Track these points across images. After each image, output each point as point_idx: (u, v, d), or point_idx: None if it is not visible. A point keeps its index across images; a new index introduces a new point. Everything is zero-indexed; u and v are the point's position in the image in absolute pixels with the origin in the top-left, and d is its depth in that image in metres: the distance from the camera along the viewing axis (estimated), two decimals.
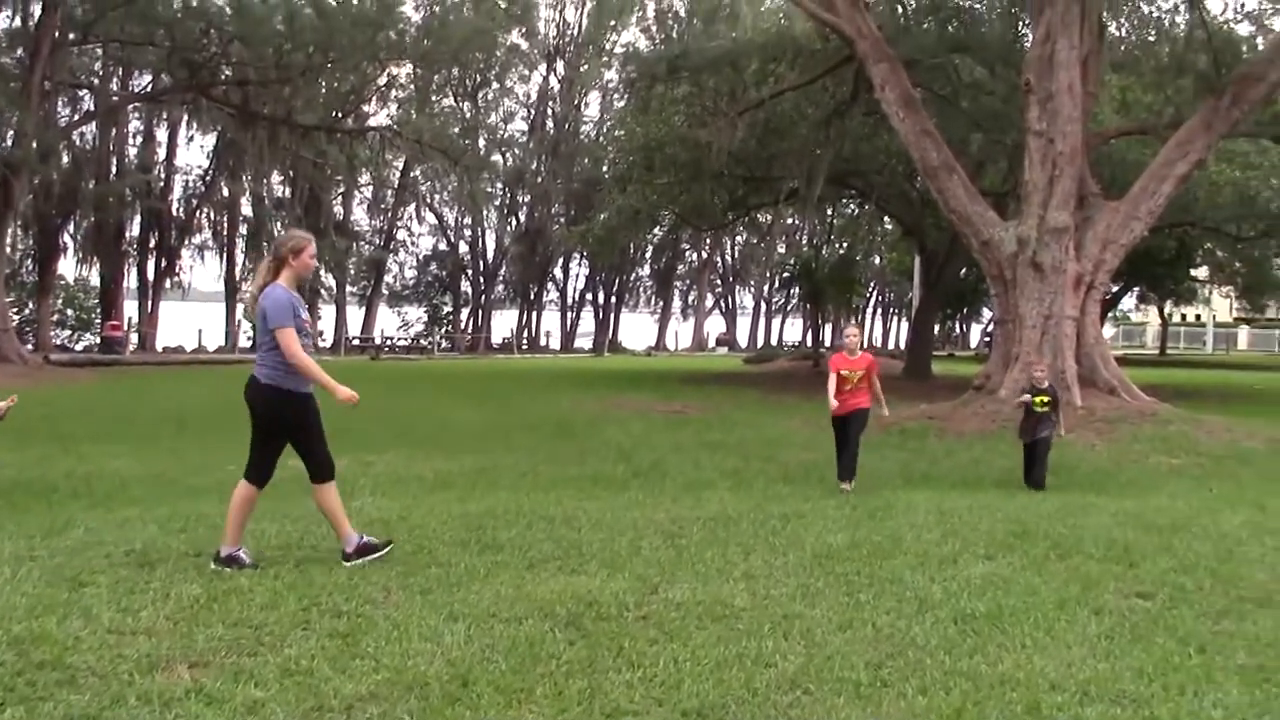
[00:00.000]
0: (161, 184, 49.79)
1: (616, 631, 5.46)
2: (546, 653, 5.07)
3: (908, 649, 5.33)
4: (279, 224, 53.26)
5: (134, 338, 48.12)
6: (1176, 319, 70.15)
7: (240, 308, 53.86)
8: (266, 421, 6.88)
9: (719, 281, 74.57)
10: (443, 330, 63.46)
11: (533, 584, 6.38)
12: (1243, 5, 24.51)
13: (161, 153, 50.16)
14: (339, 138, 34.81)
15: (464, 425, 18.69)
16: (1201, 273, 48.52)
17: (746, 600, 6.14)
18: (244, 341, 51.95)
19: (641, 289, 73.78)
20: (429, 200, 60.72)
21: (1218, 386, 32.27)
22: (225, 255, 52.73)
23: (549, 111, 62.80)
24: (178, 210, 51.64)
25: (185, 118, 43.65)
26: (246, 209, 52.59)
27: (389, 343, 56.57)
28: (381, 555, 6.85)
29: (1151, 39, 25.13)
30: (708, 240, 62.37)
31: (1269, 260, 37.01)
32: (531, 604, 5.94)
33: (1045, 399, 11.98)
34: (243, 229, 53.54)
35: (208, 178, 51.25)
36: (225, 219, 53.31)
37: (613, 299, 68.11)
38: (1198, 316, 73.43)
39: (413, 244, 64.43)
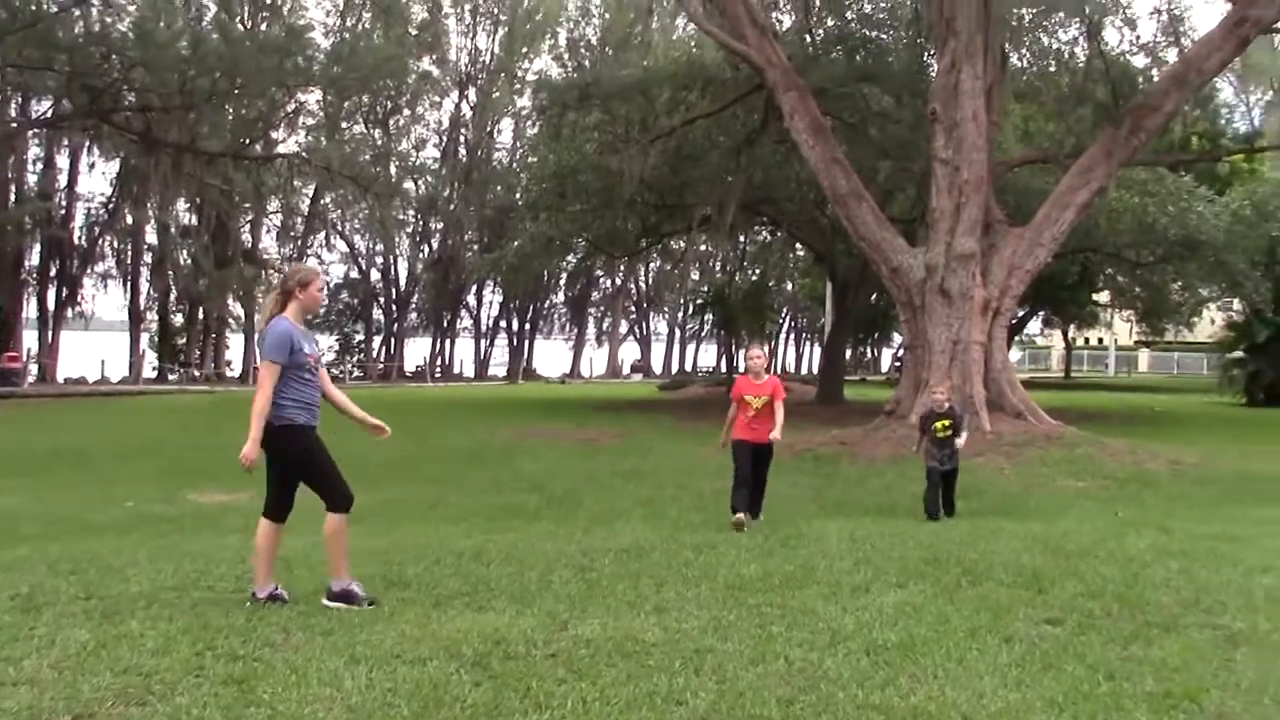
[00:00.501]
0: (63, 211, 48.52)
1: (524, 671, 5.31)
2: (451, 695, 4.91)
3: (820, 682, 5.26)
4: (184, 252, 52.31)
5: (33, 369, 46.70)
6: (1080, 342, 71.74)
7: (145, 337, 52.84)
8: (293, 460, 6.73)
9: (633, 308, 74.71)
10: (354, 359, 62.67)
11: (439, 622, 6.21)
12: (1138, 37, 25.15)
13: (63, 179, 48.90)
14: (246, 164, 34.20)
15: (373, 456, 18.26)
16: (1103, 297, 49.69)
17: (658, 635, 6.03)
18: (148, 372, 50.81)
19: (556, 316, 73.64)
20: (339, 228, 60.08)
21: (1120, 408, 32.98)
22: (129, 284, 51.58)
23: (461, 138, 62.56)
24: (80, 238, 50.40)
25: (87, 144, 42.67)
26: (151, 237, 51.58)
27: None
28: (357, 609, 6.55)
29: (1052, 69, 25.71)
30: (622, 267, 62.43)
31: (1167, 285, 37.95)
32: (437, 644, 5.77)
33: (947, 423, 11.36)
34: (147, 257, 52.49)
35: (111, 205, 50.09)
36: (129, 247, 52.19)
37: (527, 326, 67.87)
38: (1100, 340, 75.17)
39: (323, 272, 63.41)
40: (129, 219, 50.41)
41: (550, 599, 6.90)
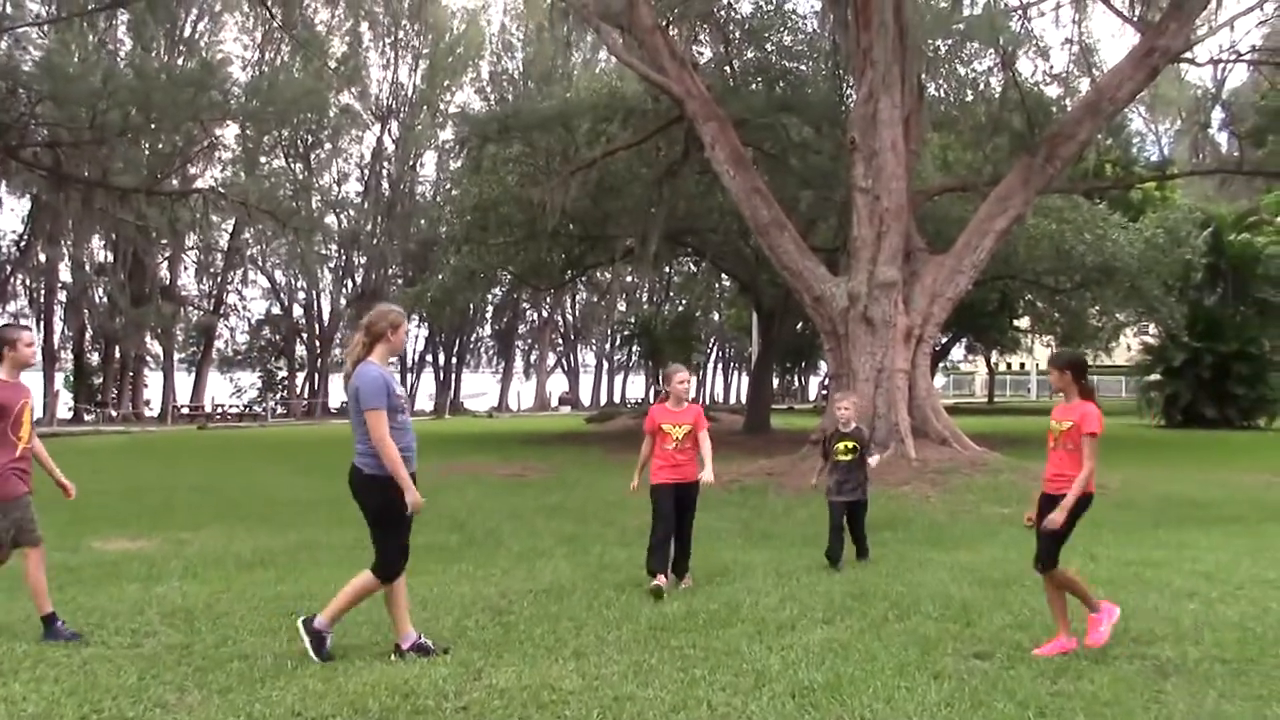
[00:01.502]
0: None
1: None
2: None
3: None
4: (100, 290, 51.19)
5: None
6: (1002, 368, 72.71)
7: (60, 377, 51.51)
8: (364, 509, 6.40)
9: (560, 340, 74.44)
10: (278, 396, 61.66)
11: (345, 675, 5.91)
12: (1051, 68, 25.59)
13: None
14: (160, 200, 33.49)
15: (292, 497, 17.88)
16: (1024, 323, 50.37)
17: (576, 682, 5.79)
18: (63, 412, 49.52)
19: (482, 349, 73.12)
20: (260, 263, 59.18)
21: (1043, 433, 33.13)
22: (43, 323, 50.33)
23: (384, 172, 62.08)
24: None
25: None
26: (66, 274, 50.40)
27: (219, 410, 54.51)
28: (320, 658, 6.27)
29: (968, 99, 26.03)
30: (548, 299, 62.24)
31: (1085, 310, 38.58)
32: (342, 699, 5.49)
33: (850, 444, 9.70)
34: (62, 295, 51.30)
35: (23, 242, 48.88)
36: (42, 285, 50.98)
37: (453, 359, 67.26)
38: (1021, 365, 76.26)
39: (244, 308, 62.59)
40: (42, 256, 49.28)
41: (465, 646, 6.64)
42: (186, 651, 6.50)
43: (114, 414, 49.93)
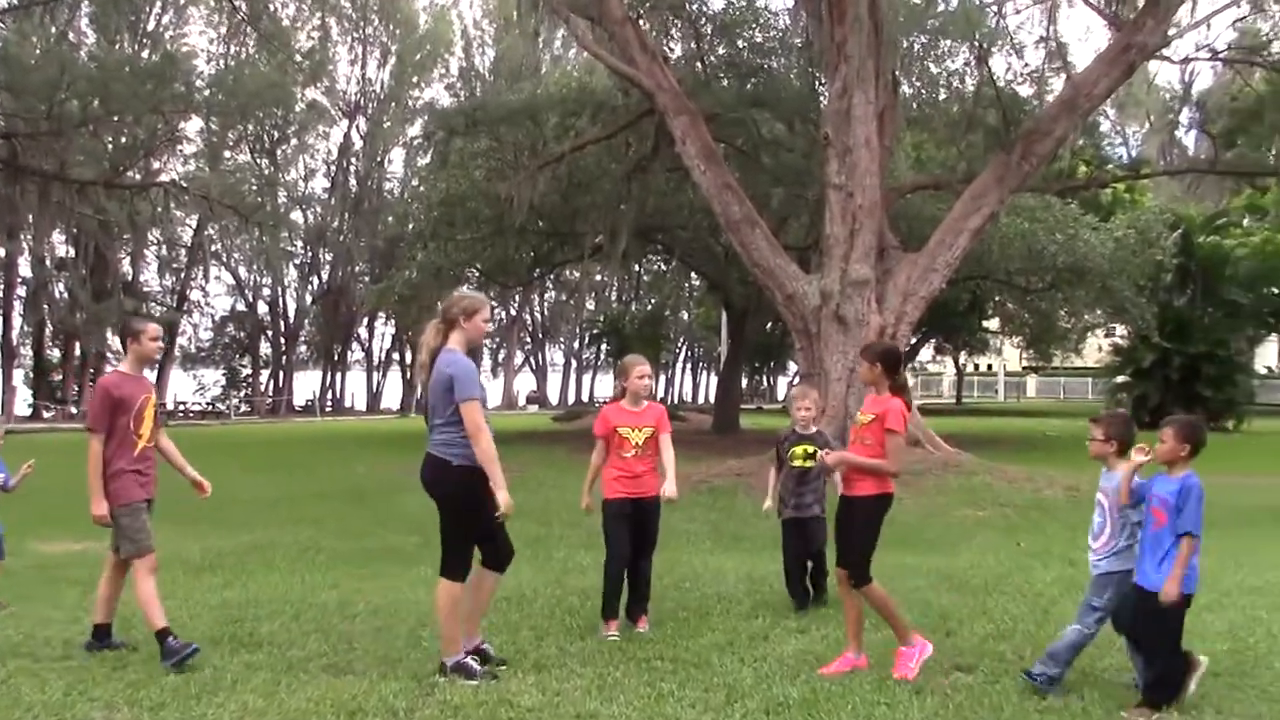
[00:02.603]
0: None
1: None
2: None
3: None
4: (60, 285, 50.28)
5: None
6: (970, 368, 72.74)
7: (19, 373, 50.55)
8: (459, 504, 5.91)
9: (528, 339, 73.89)
10: (242, 393, 60.87)
11: (288, 690, 5.53)
12: (1026, 65, 25.33)
13: None
14: (119, 194, 32.79)
15: (250, 496, 17.37)
16: (993, 324, 50.32)
17: (535, 698, 5.43)
18: (22, 409, 48.61)
19: None
20: (225, 259, 58.35)
21: (1013, 434, 33.15)
22: (2, 318, 49.42)
23: (351, 168, 61.41)
24: None
25: None
26: (25, 269, 49.49)
27: (181, 408, 53.69)
28: (474, 686, 5.63)
29: (942, 97, 25.78)
30: (516, 298, 61.68)
31: (1056, 311, 38.49)
32: (283, 716, 5.11)
33: (809, 449, 7.90)
34: (21, 290, 50.38)
35: None
36: (1, 280, 50.02)
37: None
38: (989, 366, 76.35)
39: (208, 304, 61.75)
40: (1, 251, 48.33)
41: (419, 658, 6.27)
42: (120, 664, 6.11)
43: (74, 411, 49.04)
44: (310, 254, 60.54)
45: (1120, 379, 38.76)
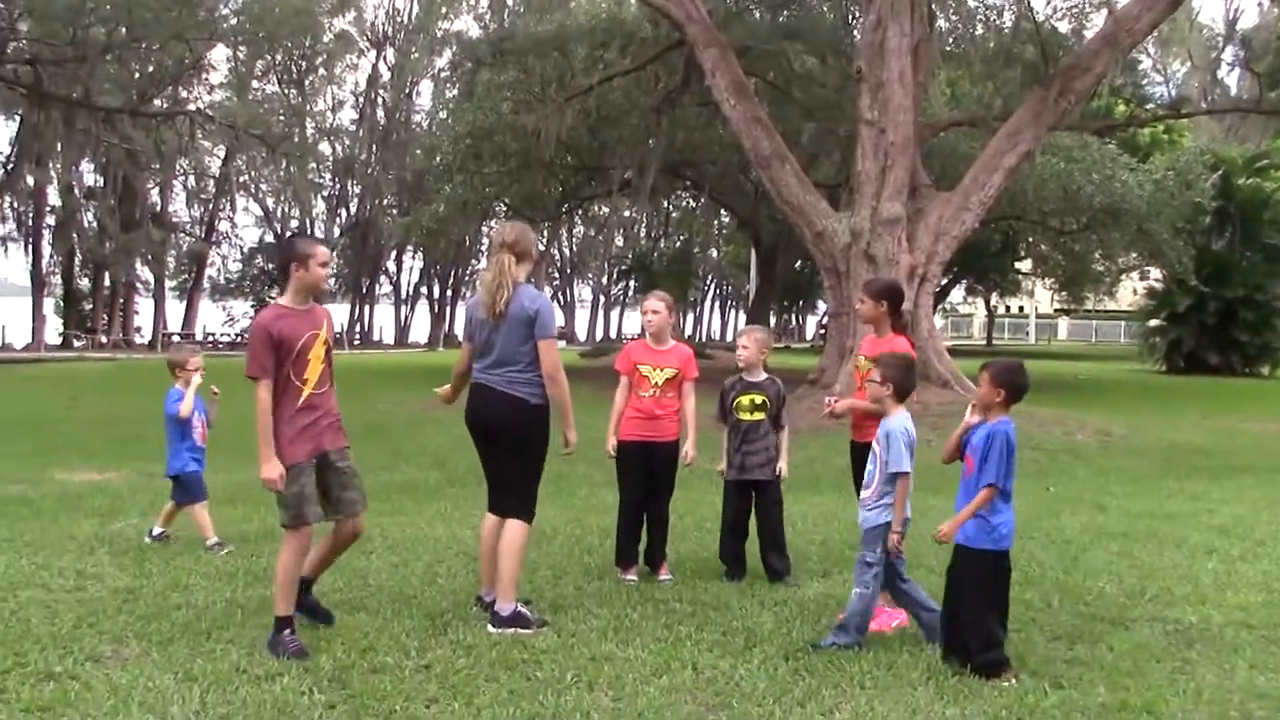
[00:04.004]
0: None
1: (389, 689, 4.58)
2: None
3: (732, 697, 4.59)
4: (89, 214, 50.34)
5: None
6: (1001, 310, 72.14)
7: (50, 302, 50.77)
8: (541, 445, 5.78)
9: (556, 274, 73.69)
10: None
11: (300, 627, 5.42)
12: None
13: None
14: (145, 122, 32.62)
15: None
16: (1026, 265, 49.72)
17: (550, 640, 5.33)
18: (52, 338, 48.93)
19: (479, 282, 72.32)
20: (253, 190, 58.29)
21: (1043, 376, 32.74)
22: (31, 247, 49.54)
23: (379, 100, 61.01)
24: None
25: None
26: (55, 198, 49.50)
27: (211, 338, 53.90)
28: (530, 634, 5.39)
29: (979, 31, 25.20)
30: (544, 233, 61.36)
31: (1090, 254, 37.89)
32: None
33: (757, 399, 6.79)
34: (50, 219, 50.45)
35: (10, 165, 47.90)
36: (30, 208, 50.06)
37: (449, 292, 66.47)
38: (1020, 308, 75.71)
39: (236, 236, 61.82)
40: (29, 179, 48.33)
41: (433, 595, 6.19)
42: (131, 597, 6.03)
43: (104, 340, 49.30)
44: (338, 186, 60.43)
45: (1154, 323, 38.22)
